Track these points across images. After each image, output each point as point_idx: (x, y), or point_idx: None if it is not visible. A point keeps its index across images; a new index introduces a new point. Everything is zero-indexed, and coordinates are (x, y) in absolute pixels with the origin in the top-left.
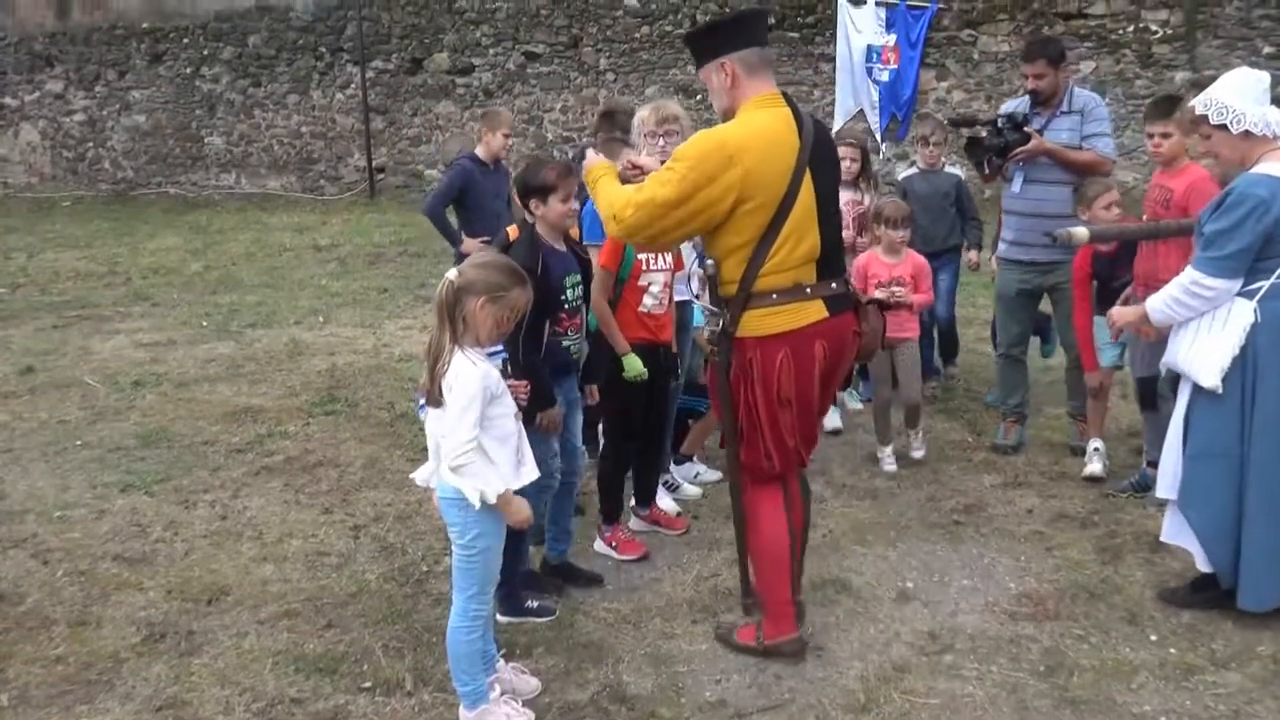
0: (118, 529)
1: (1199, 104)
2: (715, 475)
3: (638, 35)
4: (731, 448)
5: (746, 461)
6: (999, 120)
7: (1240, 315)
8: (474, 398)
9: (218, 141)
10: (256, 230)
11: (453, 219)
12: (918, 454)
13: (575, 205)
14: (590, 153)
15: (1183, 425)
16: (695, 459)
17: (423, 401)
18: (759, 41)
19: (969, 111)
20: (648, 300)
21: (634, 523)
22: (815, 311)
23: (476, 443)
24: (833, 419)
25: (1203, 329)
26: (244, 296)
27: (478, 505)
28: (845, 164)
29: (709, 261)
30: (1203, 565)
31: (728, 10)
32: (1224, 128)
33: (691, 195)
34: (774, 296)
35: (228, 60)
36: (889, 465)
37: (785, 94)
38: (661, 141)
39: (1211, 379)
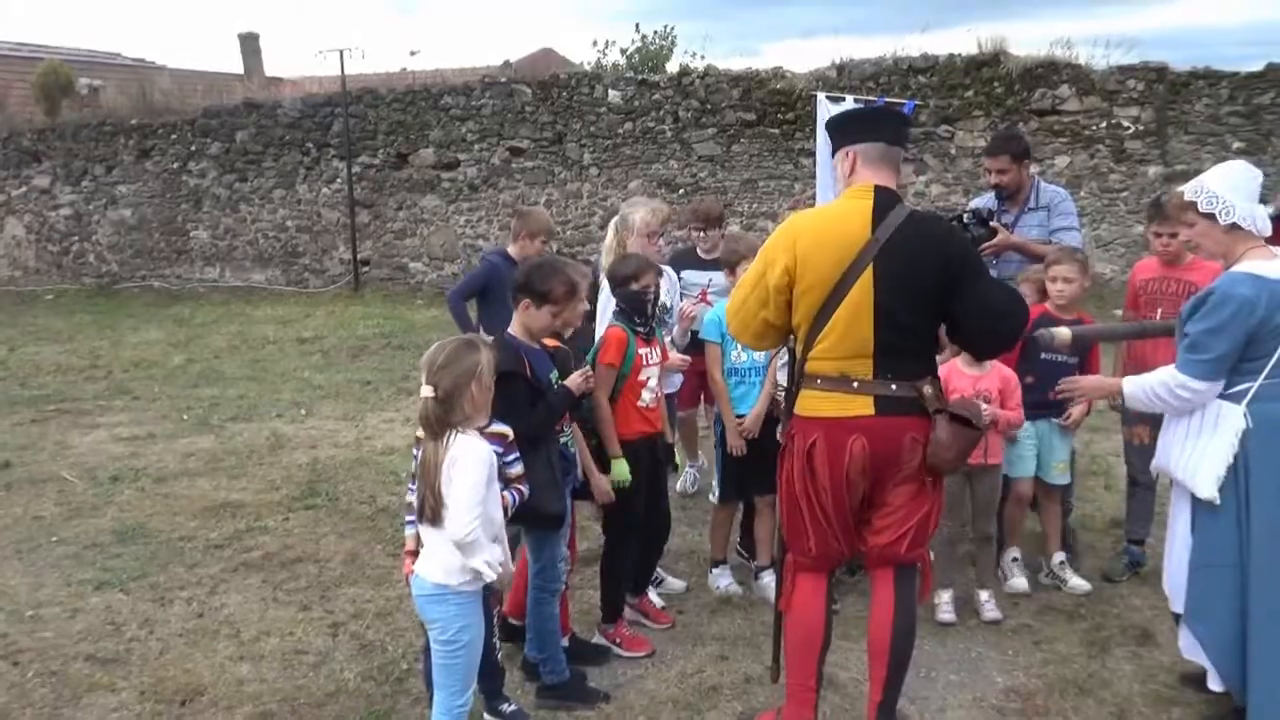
0: (91, 628)
1: (1189, 190)
2: (680, 584)
3: (620, 131)
4: (778, 521)
5: (788, 537)
6: (965, 216)
7: (1230, 421)
8: (481, 466)
9: (203, 235)
10: (240, 323)
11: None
12: (990, 614)
13: (558, 324)
14: None
15: (1189, 535)
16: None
17: (411, 518)
18: (885, 139)
19: (934, 209)
20: (645, 395)
21: (626, 612)
22: (859, 406)
23: (482, 513)
24: (946, 613)
25: (1191, 434)
26: (225, 390)
27: (491, 577)
28: None
29: (792, 334)
30: (1214, 684)
31: (710, 106)
32: (1211, 218)
33: (762, 274)
34: (819, 381)
35: (215, 155)
36: (945, 613)
37: (883, 189)
38: (660, 241)
39: (1208, 490)
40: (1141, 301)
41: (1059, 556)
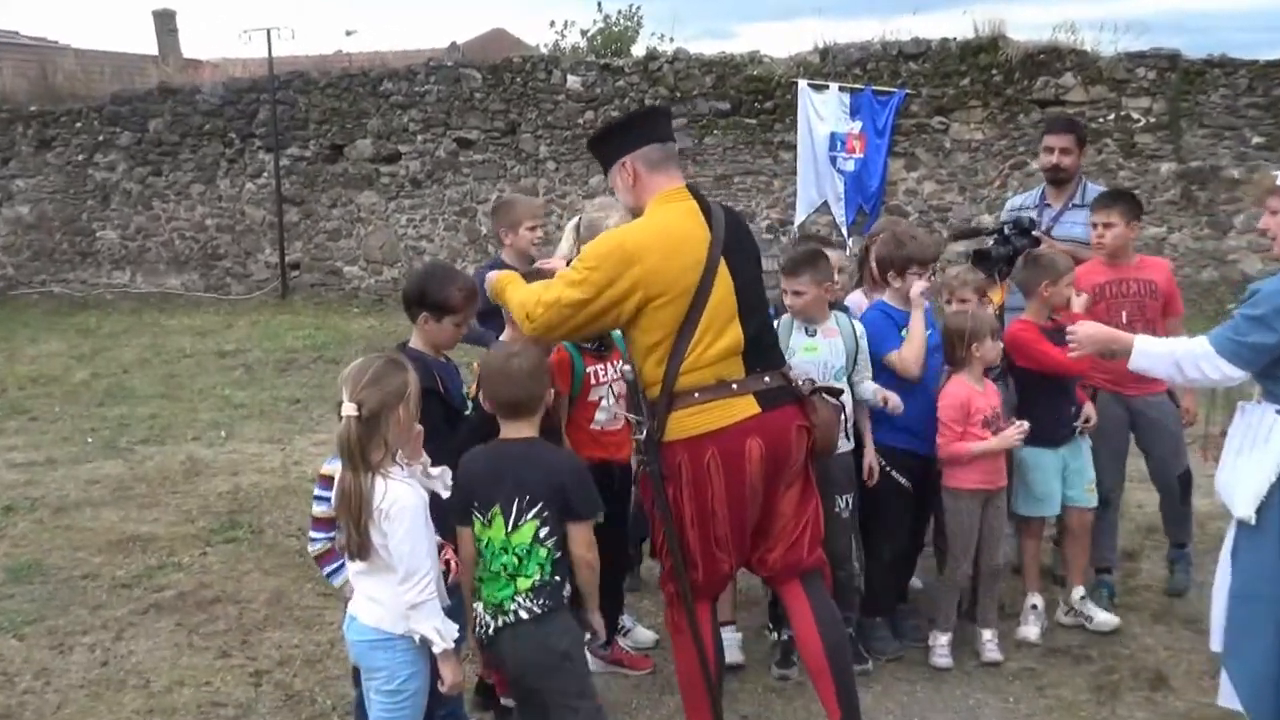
0: None
1: None
2: (651, 635)
3: (580, 121)
4: (676, 557)
5: (672, 569)
6: (1005, 227)
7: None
8: (418, 517)
9: (111, 235)
10: (152, 334)
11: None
12: (991, 655)
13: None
14: (492, 273)
15: (1230, 562)
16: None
17: (331, 566)
18: (659, 138)
19: (966, 224)
20: (600, 415)
21: (593, 664)
22: (745, 407)
23: (434, 572)
24: (943, 657)
25: (1244, 450)
26: (135, 409)
27: (439, 647)
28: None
29: (626, 366)
30: None
31: (680, 94)
32: None
33: (596, 295)
34: (696, 395)
35: (125, 146)
36: (941, 658)
37: (692, 187)
38: None
39: (1245, 509)
40: (1100, 308)
41: (1079, 591)
